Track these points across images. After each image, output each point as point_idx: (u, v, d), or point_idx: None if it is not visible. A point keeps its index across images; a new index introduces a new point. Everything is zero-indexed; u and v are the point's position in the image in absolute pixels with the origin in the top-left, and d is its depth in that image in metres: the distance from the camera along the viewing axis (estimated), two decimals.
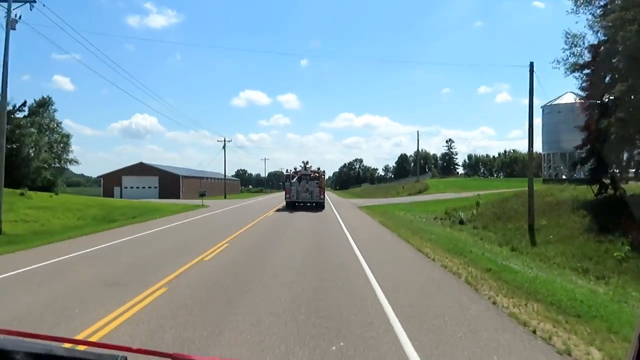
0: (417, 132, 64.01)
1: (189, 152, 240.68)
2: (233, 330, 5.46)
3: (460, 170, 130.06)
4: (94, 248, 12.88)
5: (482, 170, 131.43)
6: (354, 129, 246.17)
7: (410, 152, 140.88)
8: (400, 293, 7.46)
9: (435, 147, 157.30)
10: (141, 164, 66.13)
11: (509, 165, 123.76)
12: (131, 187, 64.70)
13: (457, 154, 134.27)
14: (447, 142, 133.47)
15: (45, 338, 1.06)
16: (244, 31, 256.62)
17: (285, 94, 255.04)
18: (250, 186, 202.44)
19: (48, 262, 10.43)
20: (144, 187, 64.42)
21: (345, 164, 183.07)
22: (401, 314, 6.12)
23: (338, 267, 9.85)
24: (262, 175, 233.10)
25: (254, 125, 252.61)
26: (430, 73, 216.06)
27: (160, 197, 62.54)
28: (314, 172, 31.53)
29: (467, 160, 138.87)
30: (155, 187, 64.28)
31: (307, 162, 31.90)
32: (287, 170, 33.37)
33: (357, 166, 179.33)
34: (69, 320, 5.81)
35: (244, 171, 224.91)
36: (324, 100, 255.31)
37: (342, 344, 4.95)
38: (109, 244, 13.78)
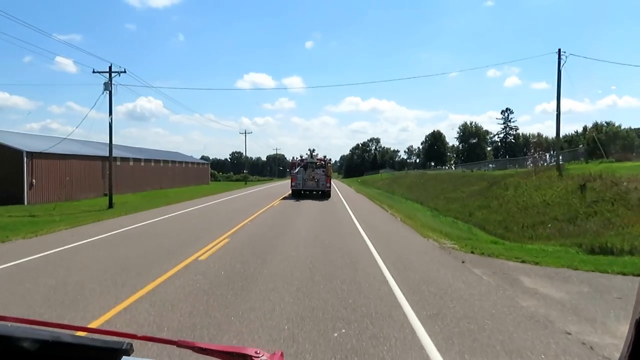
0: (560, 67, 29.57)
1: (194, 135, 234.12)
2: None
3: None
4: None
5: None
6: (361, 114, 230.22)
7: (416, 138, 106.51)
8: None
9: (445, 132, 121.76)
10: None
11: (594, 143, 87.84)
12: None
13: (517, 129, 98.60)
14: (502, 112, 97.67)
15: (52, 325, 1.06)
16: (248, 12, 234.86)
17: (290, 77, 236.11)
18: (245, 171, 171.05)
19: None
20: None
21: (358, 145, 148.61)
22: None
23: None
24: (262, 159, 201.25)
25: (259, 108, 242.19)
26: (437, 56, 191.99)
27: None
28: (320, 160, 31.37)
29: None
30: None
31: (313, 150, 31.94)
32: (293, 158, 33.23)
33: (374, 147, 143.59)
34: None
35: (240, 154, 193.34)
36: (330, 83, 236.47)
37: None
38: None
